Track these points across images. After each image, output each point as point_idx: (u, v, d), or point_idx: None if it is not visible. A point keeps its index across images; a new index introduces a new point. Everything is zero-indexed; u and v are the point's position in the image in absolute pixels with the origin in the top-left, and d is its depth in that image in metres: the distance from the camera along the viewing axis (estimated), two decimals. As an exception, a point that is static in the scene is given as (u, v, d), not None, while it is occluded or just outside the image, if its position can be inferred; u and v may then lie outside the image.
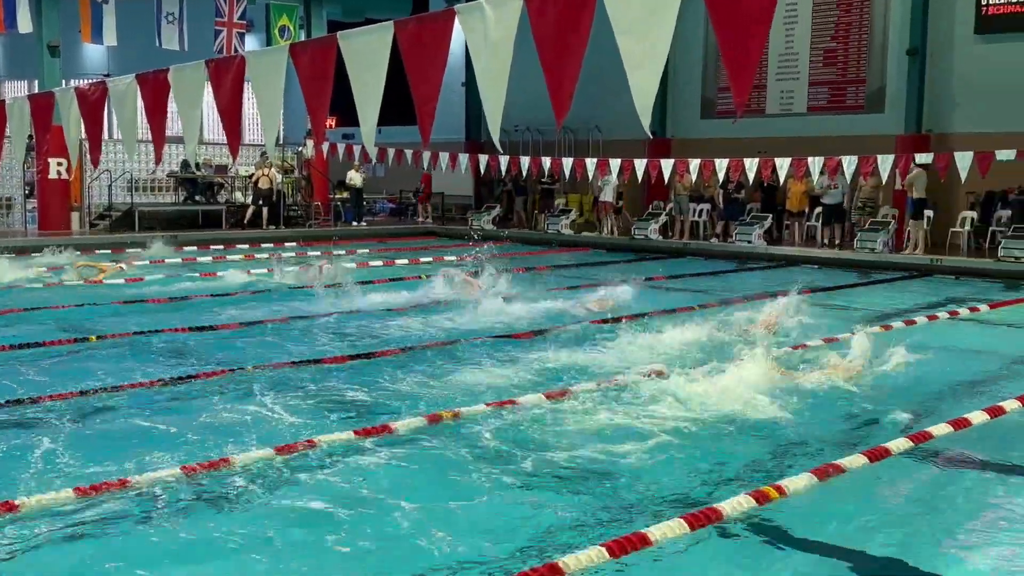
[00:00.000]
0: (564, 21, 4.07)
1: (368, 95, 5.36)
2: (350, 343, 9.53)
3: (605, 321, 10.68)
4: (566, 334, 9.99)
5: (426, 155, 20.85)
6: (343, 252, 18.64)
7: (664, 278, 15.38)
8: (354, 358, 8.65)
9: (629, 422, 6.60)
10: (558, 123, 4.36)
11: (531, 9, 4.16)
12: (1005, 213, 17.84)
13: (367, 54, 5.30)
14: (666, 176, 17.91)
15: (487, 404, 6.97)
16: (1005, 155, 14.57)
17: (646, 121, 3.92)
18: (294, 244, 20.10)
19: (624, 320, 10.35)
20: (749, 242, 18.94)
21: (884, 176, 15.87)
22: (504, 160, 19.68)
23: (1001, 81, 18.68)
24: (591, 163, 18.60)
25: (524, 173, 20.46)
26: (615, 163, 18.04)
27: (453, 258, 17.85)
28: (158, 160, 9.97)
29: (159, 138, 7.87)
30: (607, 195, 21.15)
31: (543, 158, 20.12)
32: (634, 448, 6.07)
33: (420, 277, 14.35)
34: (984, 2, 18.87)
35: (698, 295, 13.52)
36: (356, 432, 6.18)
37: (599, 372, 8.13)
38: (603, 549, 4.14)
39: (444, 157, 21.03)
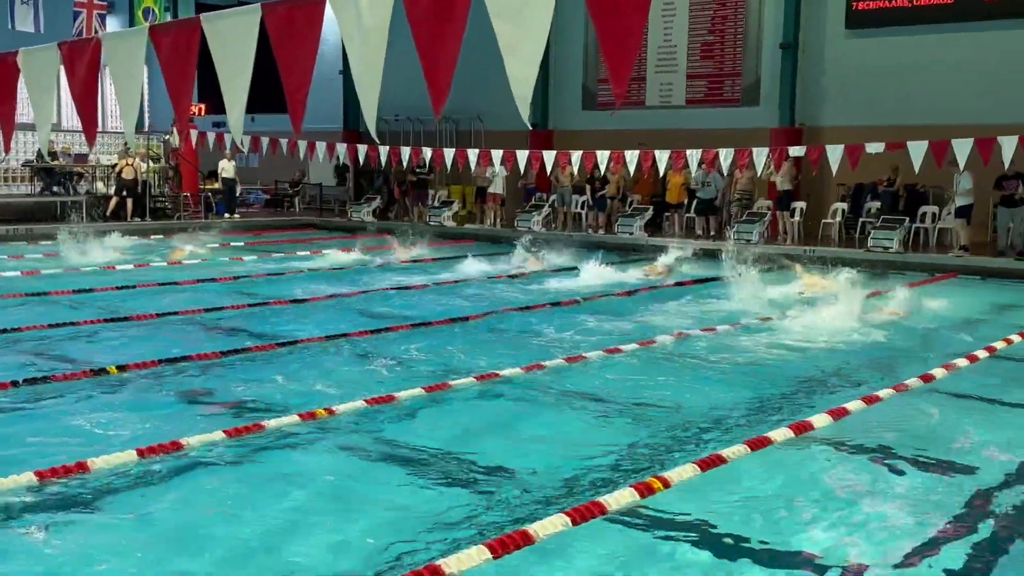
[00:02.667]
0: (439, 5, 4.00)
1: (234, 82, 5.17)
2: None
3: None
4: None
5: (302, 144, 20.42)
6: (216, 245, 18.12)
7: (550, 271, 15.52)
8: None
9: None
10: (436, 112, 4.29)
11: (405, -9, 4.08)
12: (874, 204, 18.70)
13: (233, 38, 5.10)
14: (549, 168, 18.05)
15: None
16: (874, 148, 15.24)
17: (525, 111, 3.89)
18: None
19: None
20: (631, 234, 19.29)
21: (759, 169, 16.40)
22: (384, 150, 19.45)
23: (870, 76, 19.57)
24: (473, 154, 18.58)
25: (405, 163, 20.28)
26: (497, 154, 18.07)
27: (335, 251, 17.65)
28: (6, 148, 9.42)
29: (7, 125, 7.43)
30: (497, 187, 21.19)
31: (424, 148, 19.98)
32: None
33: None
34: (854, -1, 19.74)
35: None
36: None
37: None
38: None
39: (321, 147, 20.64)
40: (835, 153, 15.39)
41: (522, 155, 17.92)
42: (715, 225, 19.22)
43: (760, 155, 16.19)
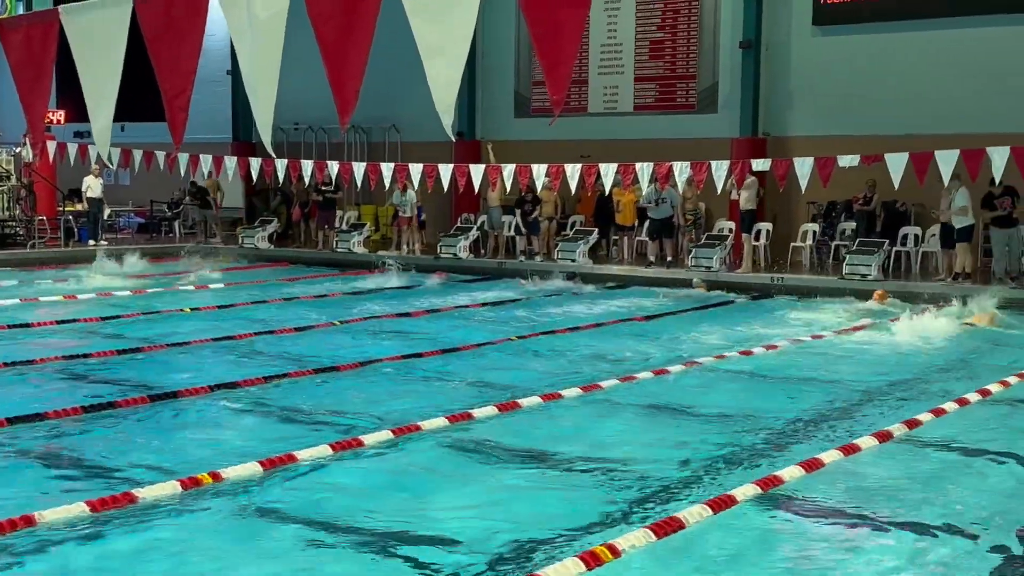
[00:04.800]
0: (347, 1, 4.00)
1: (100, 85, 5.10)
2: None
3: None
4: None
5: (183, 158, 20.18)
6: (83, 275, 17.79)
7: (479, 305, 15.60)
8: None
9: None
10: (343, 122, 4.29)
11: (305, -16, 4.07)
12: (849, 225, 19.15)
13: (99, 35, 5.03)
14: (476, 184, 18.14)
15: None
16: (848, 161, 15.57)
17: (447, 120, 3.91)
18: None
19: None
20: (573, 260, 19.44)
21: (719, 185, 16.66)
22: (282, 165, 19.32)
23: (843, 79, 20.06)
24: (387, 168, 18.56)
25: (308, 180, 20.18)
26: (416, 168, 18.08)
27: (220, 284, 17.48)
28: None
29: None
30: (408, 211, 21.24)
31: (330, 162, 19.90)
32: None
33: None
34: (820, -9, 20.28)
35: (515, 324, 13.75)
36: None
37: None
38: None
39: (207, 161, 20.41)
40: (804, 167, 15.71)
41: (446, 169, 17.95)
42: (671, 249, 19.47)
43: (720, 169, 16.47)
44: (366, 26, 4.12)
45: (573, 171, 16.99)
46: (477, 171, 17.82)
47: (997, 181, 14.65)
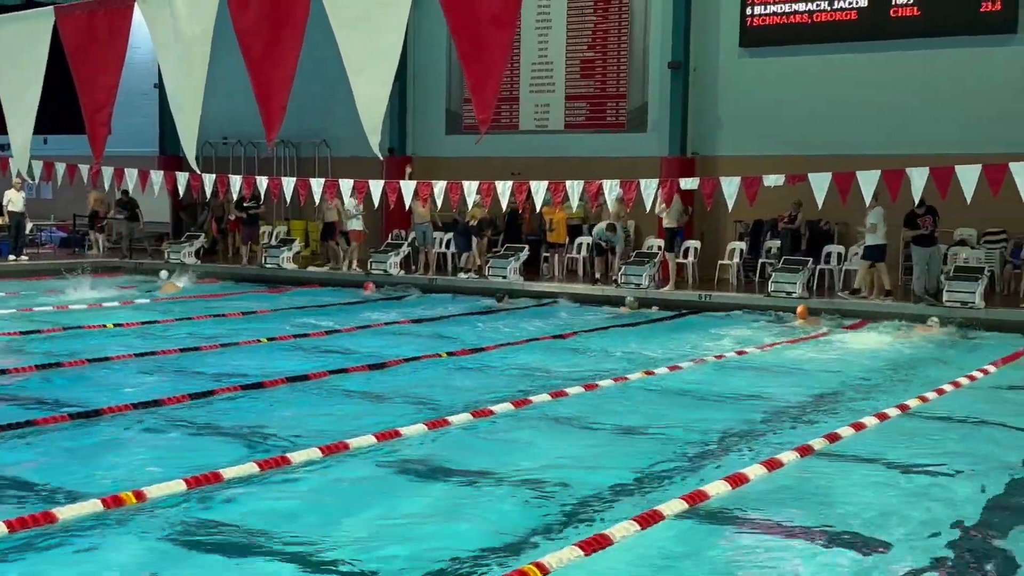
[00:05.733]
0: (274, 13, 3.98)
1: (20, 97, 5.01)
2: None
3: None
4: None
5: (107, 172, 19.85)
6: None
7: (411, 321, 15.55)
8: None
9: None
10: (269, 138, 4.27)
11: (231, -1, 4.05)
12: (775, 243, 19.47)
13: (18, 47, 4.95)
14: (407, 200, 18.11)
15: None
16: (773, 181, 15.85)
17: (374, 138, 3.91)
18: None
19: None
20: (504, 277, 19.50)
21: (648, 203, 16.84)
22: (209, 179, 19.10)
23: (769, 100, 20.44)
24: (317, 184, 18.45)
25: (236, 195, 19.99)
26: (346, 184, 18.01)
27: (146, 300, 17.23)
28: None
29: None
30: (355, 224, 21.15)
31: (258, 177, 19.73)
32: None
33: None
34: (748, 13, 20.63)
35: (446, 340, 13.73)
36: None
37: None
38: None
39: (132, 175, 20.11)
40: (731, 186, 15.96)
41: (376, 185, 17.90)
42: (600, 267, 19.60)
43: (648, 187, 16.66)
44: (293, 41, 4.11)
45: (504, 188, 17.05)
46: (408, 187, 17.80)
47: (917, 201, 15.02)
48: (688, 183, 17.12)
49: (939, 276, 16.65)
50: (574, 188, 16.89)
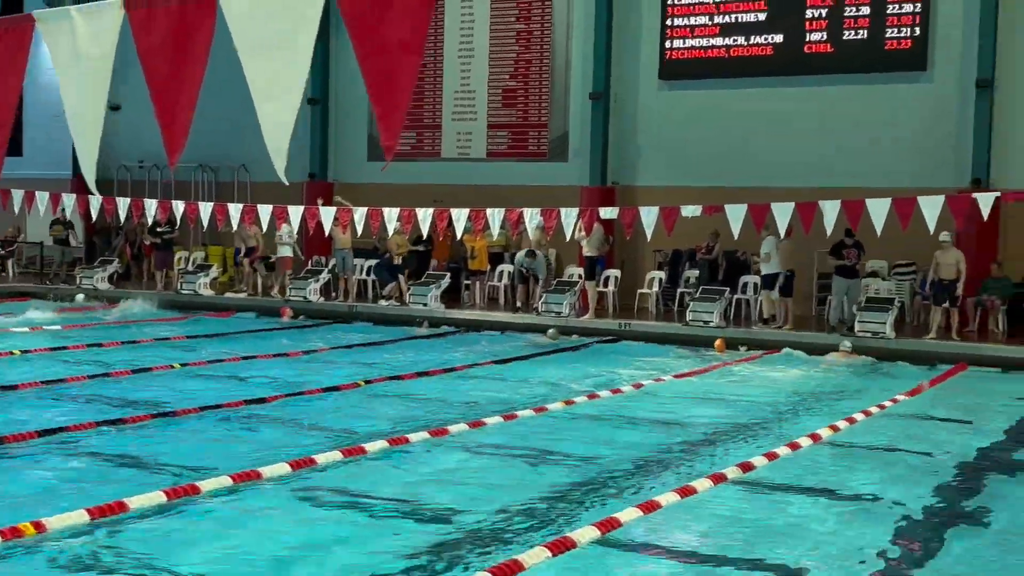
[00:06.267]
0: (177, 36, 3.93)
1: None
2: None
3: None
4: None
5: (17, 194, 19.36)
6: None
7: (330, 349, 15.41)
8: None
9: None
10: (171, 161, 4.20)
11: (134, 21, 3.99)
12: (693, 273, 19.71)
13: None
14: (327, 227, 17.98)
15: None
16: (690, 211, 16.06)
17: (280, 163, 3.88)
18: None
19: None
20: (425, 304, 19.42)
21: (568, 232, 16.93)
22: (123, 203, 18.74)
23: (688, 131, 20.76)
24: (235, 209, 18.22)
25: (151, 219, 19.63)
26: (264, 209, 17.81)
27: (57, 326, 16.83)
28: None
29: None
30: (286, 251, 20.95)
31: (174, 202, 19.42)
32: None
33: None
34: (667, 46, 20.97)
35: (364, 368, 13.62)
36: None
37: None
38: None
39: (43, 197, 19.63)
40: (649, 216, 16.12)
41: (295, 211, 17.72)
42: (523, 295, 19.64)
43: (569, 216, 16.77)
44: (196, 65, 4.06)
45: (425, 215, 17.02)
46: (327, 213, 17.67)
47: (828, 233, 15.25)
48: (608, 212, 17.27)
49: (854, 308, 16.94)
50: (495, 216, 16.92)
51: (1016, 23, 18.25)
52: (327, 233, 19.68)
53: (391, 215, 17.26)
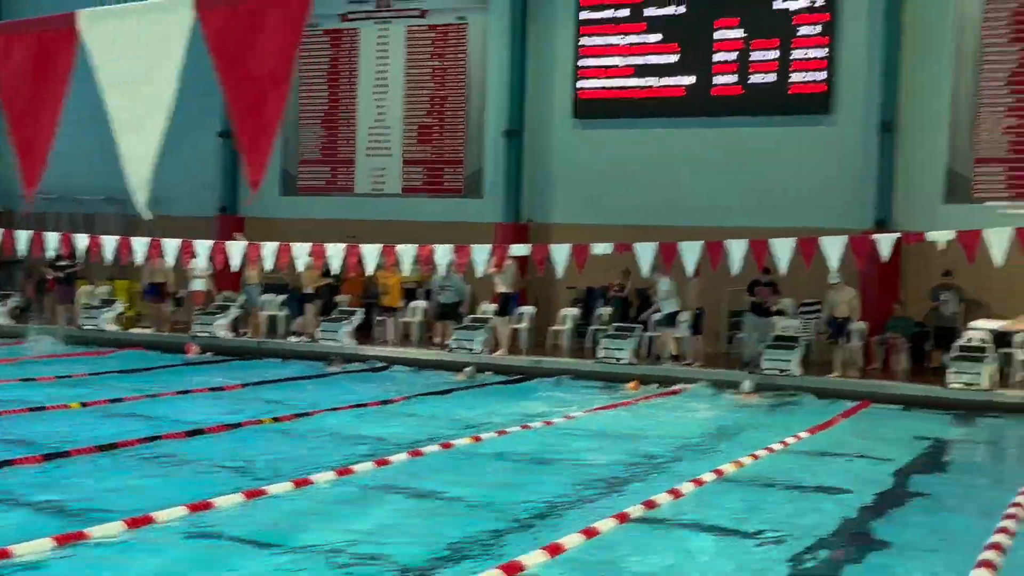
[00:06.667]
0: (35, 66, 3.83)
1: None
2: None
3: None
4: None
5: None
6: None
7: (238, 386, 15.12)
8: None
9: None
10: (27, 194, 4.08)
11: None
12: (605, 311, 19.81)
13: None
14: (235, 261, 17.66)
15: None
16: (601, 249, 16.11)
17: (141, 197, 3.79)
18: None
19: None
20: (336, 341, 19.22)
21: (479, 269, 16.89)
22: (24, 236, 18.17)
23: (600, 170, 20.96)
24: (141, 243, 17.79)
25: (54, 252, 19.12)
26: (171, 244, 17.44)
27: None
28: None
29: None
30: (199, 284, 20.60)
31: (78, 235, 18.91)
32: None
33: None
34: (580, 85, 21.20)
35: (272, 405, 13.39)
36: None
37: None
38: None
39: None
40: (561, 253, 16.15)
41: (203, 246, 17.36)
42: (441, 331, 19.56)
43: (481, 253, 16.72)
44: (55, 96, 3.96)
45: (335, 251, 16.83)
46: (236, 248, 17.37)
47: (733, 273, 15.40)
48: (519, 250, 17.31)
49: (764, 346, 17.17)
50: (406, 252, 16.80)
51: (917, 67, 18.82)
52: (235, 268, 19.36)
53: (301, 250, 17.03)
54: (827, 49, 19.40)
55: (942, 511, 9.06)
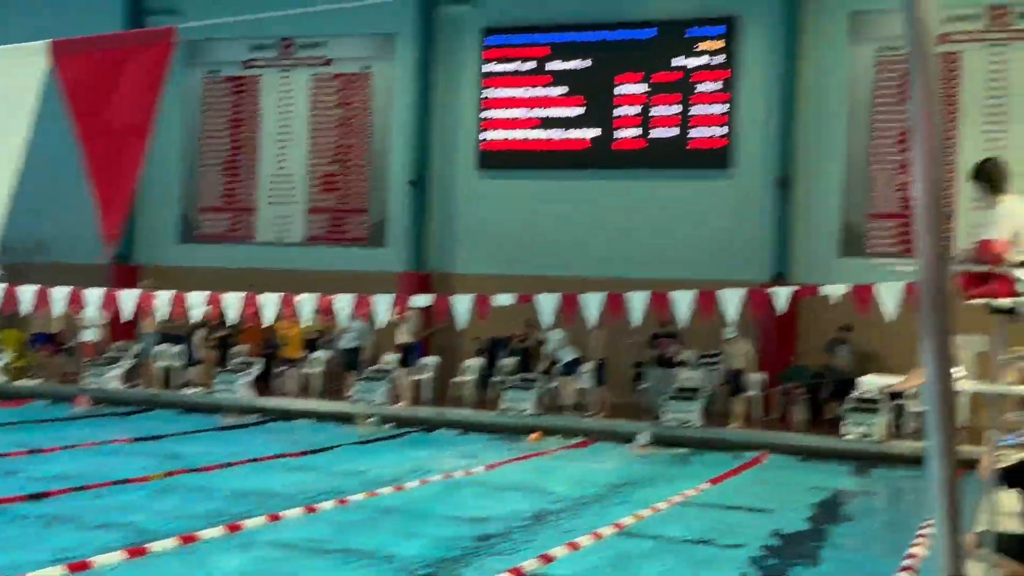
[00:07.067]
0: None
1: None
2: None
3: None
4: None
5: None
6: None
7: (129, 440, 14.64)
8: None
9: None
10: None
11: None
12: (509, 361, 19.75)
13: None
14: (127, 311, 17.17)
15: None
16: (503, 300, 16.07)
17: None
18: None
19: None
20: (232, 392, 18.80)
21: (380, 319, 16.69)
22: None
23: (504, 221, 21.03)
24: (29, 291, 17.18)
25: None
26: (60, 292, 16.88)
27: None
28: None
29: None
30: (90, 335, 19.98)
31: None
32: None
33: None
34: (483, 137, 21.29)
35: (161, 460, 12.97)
36: None
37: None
38: None
39: None
40: (463, 304, 16.07)
41: (94, 293, 16.84)
42: (348, 380, 19.28)
43: (383, 303, 16.53)
44: None
45: (231, 301, 16.48)
46: (129, 297, 16.89)
47: (632, 323, 15.49)
48: (421, 300, 17.16)
49: (665, 397, 17.28)
50: (306, 302, 16.52)
51: (812, 125, 19.35)
52: (126, 318, 18.84)
53: (196, 300, 16.63)
54: (727, 105, 19.82)
55: (848, 552, 9.17)
